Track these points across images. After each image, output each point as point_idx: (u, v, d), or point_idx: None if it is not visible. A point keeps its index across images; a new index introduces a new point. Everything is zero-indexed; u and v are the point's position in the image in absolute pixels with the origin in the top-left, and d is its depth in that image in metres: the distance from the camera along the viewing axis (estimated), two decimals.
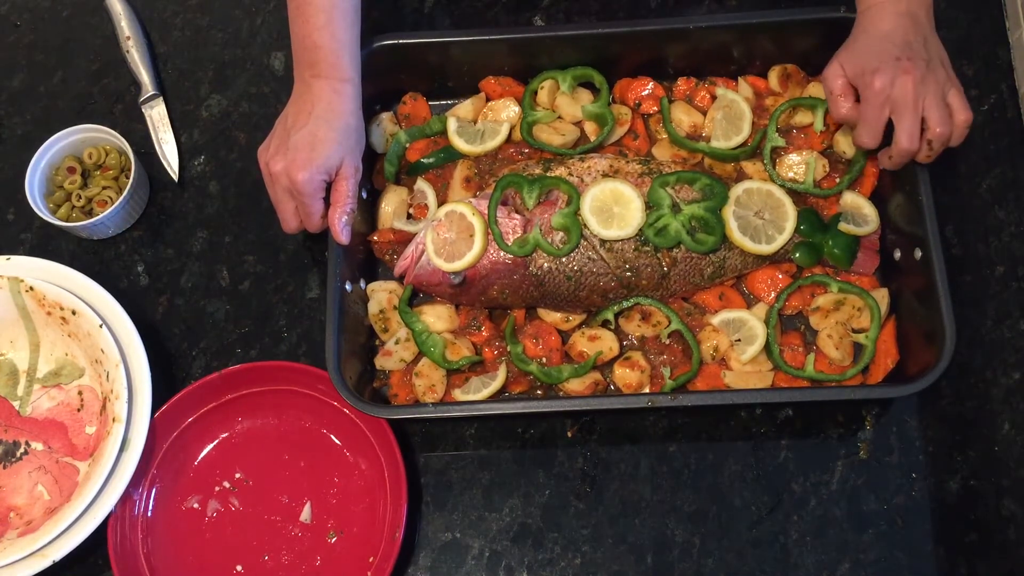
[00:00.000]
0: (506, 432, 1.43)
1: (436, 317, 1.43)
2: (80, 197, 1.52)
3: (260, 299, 1.52)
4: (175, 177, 1.58)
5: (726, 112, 1.48)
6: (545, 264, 1.38)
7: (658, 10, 1.65)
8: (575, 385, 1.39)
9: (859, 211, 1.44)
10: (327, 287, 1.36)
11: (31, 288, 1.42)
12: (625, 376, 1.39)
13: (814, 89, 1.49)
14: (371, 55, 1.46)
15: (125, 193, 1.50)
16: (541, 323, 1.43)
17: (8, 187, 1.59)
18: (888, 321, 1.40)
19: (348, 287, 1.39)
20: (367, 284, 1.47)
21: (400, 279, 1.45)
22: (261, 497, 1.42)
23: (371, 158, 1.52)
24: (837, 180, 1.46)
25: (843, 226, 1.42)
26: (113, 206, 1.50)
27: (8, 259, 1.45)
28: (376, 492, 1.40)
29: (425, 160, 1.51)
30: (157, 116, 1.61)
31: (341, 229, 1.35)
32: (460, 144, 1.50)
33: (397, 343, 1.43)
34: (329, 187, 1.36)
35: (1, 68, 1.68)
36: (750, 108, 1.48)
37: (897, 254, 1.41)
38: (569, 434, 1.42)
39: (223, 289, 1.53)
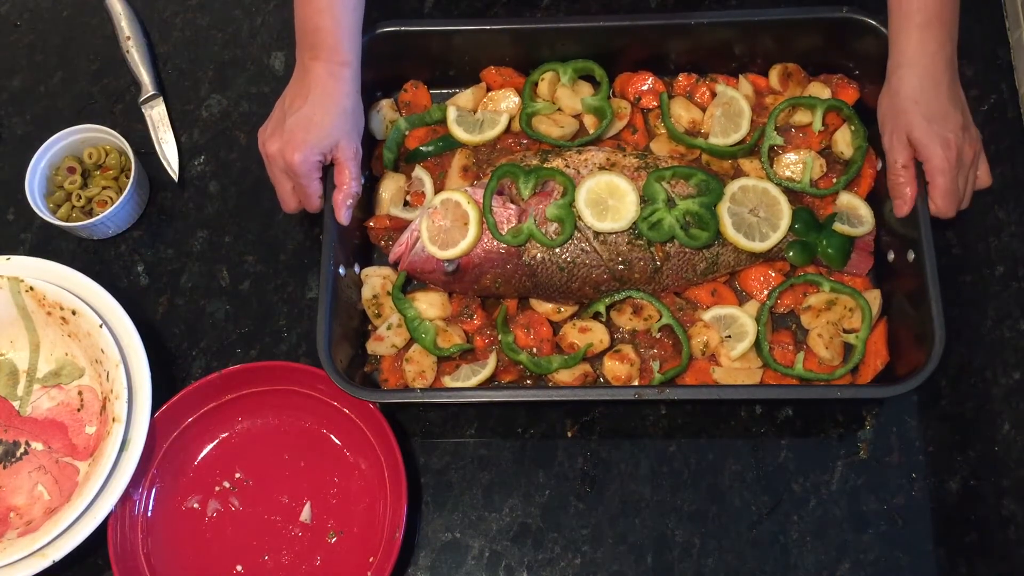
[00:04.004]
0: (506, 432, 1.43)
1: (429, 304, 1.43)
2: (80, 197, 1.52)
3: (260, 299, 1.52)
4: (175, 177, 1.58)
5: (725, 109, 1.48)
6: (538, 254, 1.39)
7: (658, 9, 1.66)
8: (564, 376, 1.39)
9: (855, 212, 1.44)
10: (320, 269, 1.36)
11: (31, 288, 1.42)
12: (615, 369, 1.39)
13: (814, 88, 1.50)
14: (373, 41, 1.46)
15: (125, 193, 1.50)
16: (533, 313, 1.43)
17: (8, 187, 1.60)
18: (879, 323, 1.40)
19: (342, 271, 1.40)
20: (361, 269, 1.47)
21: (394, 265, 1.45)
22: (261, 497, 1.42)
23: (370, 144, 1.52)
24: (834, 180, 1.46)
25: (838, 226, 1.42)
26: (113, 206, 1.50)
27: (8, 259, 1.45)
28: (376, 492, 1.40)
29: (424, 148, 1.52)
30: (157, 116, 1.61)
31: (344, 213, 1.37)
32: (459, 133, 1.50)
33: (389, 328, 1.43)
34: (326, 169, 1.38)
35: (1, 68, 1.68)
36: (749, 106, 1.48)
37: (891, 256, 1.41)
38: (569, 434, 1.42)
39: (223, 289, 1.53)
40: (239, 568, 1.39)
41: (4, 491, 1.41)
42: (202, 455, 1.44)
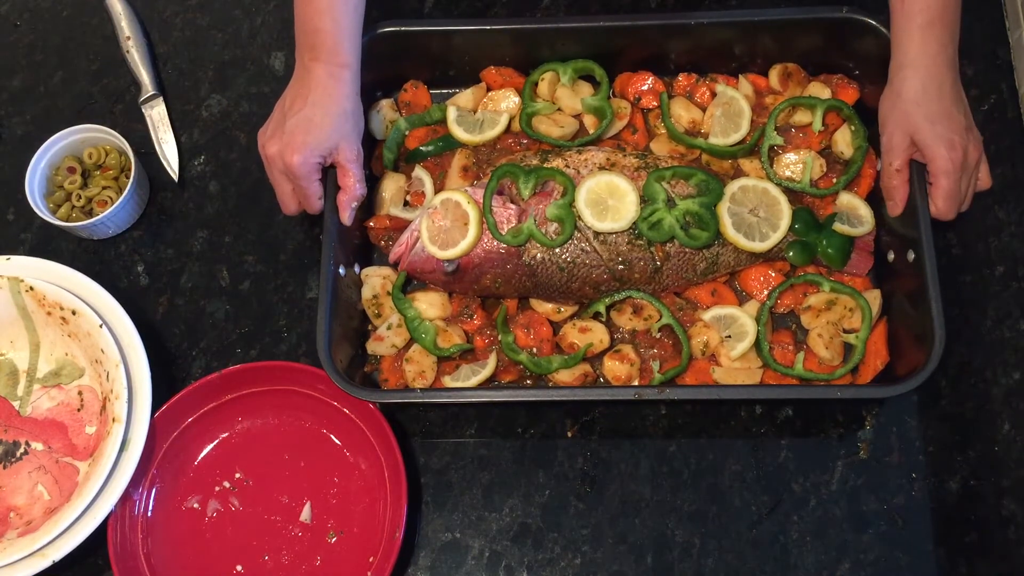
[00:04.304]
0: (506, 432, 1.43)
1: (429, 304, 1.43)
2: (80, 197, 1.52)
3: (260, 299, 1.52)
4: (175, 177, 1.58)
5: (725, 109, 1.48)
6: (538, 254, 1.39)
7: (658, 9, 1.66)
8: (564, 376, 1.39)
9: (855, 212, 1.44)
10: (320, 269, 1.36)
11: (31, 288, 1.42)
12: (615, 369, 1.39)
13: (814, 88, 1.50)
14: (373, 41, 1.47)
15: (125, 193, 1.50)
16: (533, 313, 1.43)
17: (8, 187, 1.60)
18: (879, 323, 1.40)
19: (342, 271, 1.40)
20: (361, 269, 1.47)
21: (394, 265, 1.45)
22: (261, 497, 1.42)
23: (370, 144, 1.53)
24: (834, 180, 1.46)
25: (838, 226, 1.42)
26: (113, 206, 1.50)
27: (8, 259, 1.45)
28: (376, 492, 1.40)
29: (424, 148, 1.52)
30: (157, 116, 1.61)
31: (348, 214, 1.38)
32: (459, 133, 1.51)
33: (389, 328, 1.43)
34: (326, 171, 1.38)
35: (1, 68, 1.68)
36: (749, 106, 1.48)
37: (891, 256, 1.41)
38: (569, 434, 1.42)
39: (223, 289, 1.53)
40: (239, 568, 1.39)
41: (4, 491, 1.41)
42: (202, 455, 1.44)
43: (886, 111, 1.36)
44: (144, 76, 1.62)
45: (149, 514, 1.41)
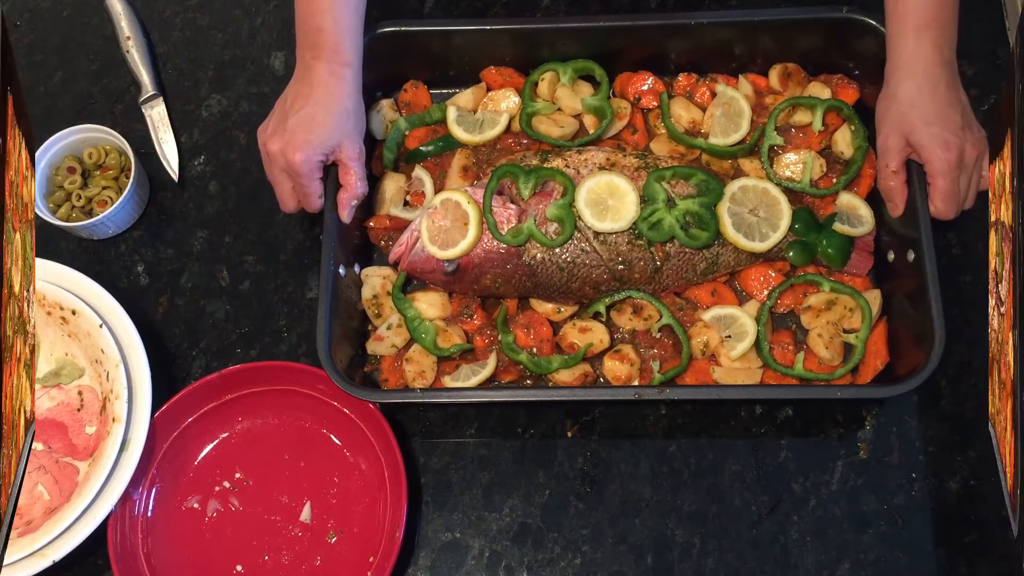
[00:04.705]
0: (506, 432, 1.43)
1: (429, 304, 1.43)
2: (80, 197, 1.52)
3: (260, 299, 1.52)
4: (175, 177, 1.58)
5: (725, 109, 1.48)
6: (538, 254, 1.39)
7: (658, 9, 1.66)
8: (564, 376, 1.39)
9: (855, 212, 1.44)
10: (320, 269, 1.36)
11: None
12: (615, 369, 1.39)
13: (814, 88, 1.50)
14: (373, 41, 1.46)
15: (125, 193, 1.50)
16: (533, 313, 1.43)
17: None
18: (879, 323, 1.40)
19: (342, 271, 1.40)
20: (361, 269, 1.47)
21: (394, 265, 1.45)
22: (261, 497, 1.42)
23: (370, 144, 1.52)
24: (834, 180, 1.46)
25: (838, 226, 1.42)
26: (113, 206, 1.50)
27: None
28: (376, 492, 1.40)
29: (424, 148, 1.52)
30: (157, 116, 1.61)
31: (348, 212, 1.38)
32: (459, 133, 1.51)
33: (389, 328, 1.43)
34: (326, 169, 1.38)
35: None
36: (749, 106, 1.48)
37: (891, 256, 1.41)
38: (569, 434, 1.42)
39: (223, 289, 1.53)
40: (239, 568, 1.39)
41: None
42: (202, 455, 1.44)
43: (882, 113, 1.36)
44: (144, 76, 1.62)
45: (149, 514, 1.41)
